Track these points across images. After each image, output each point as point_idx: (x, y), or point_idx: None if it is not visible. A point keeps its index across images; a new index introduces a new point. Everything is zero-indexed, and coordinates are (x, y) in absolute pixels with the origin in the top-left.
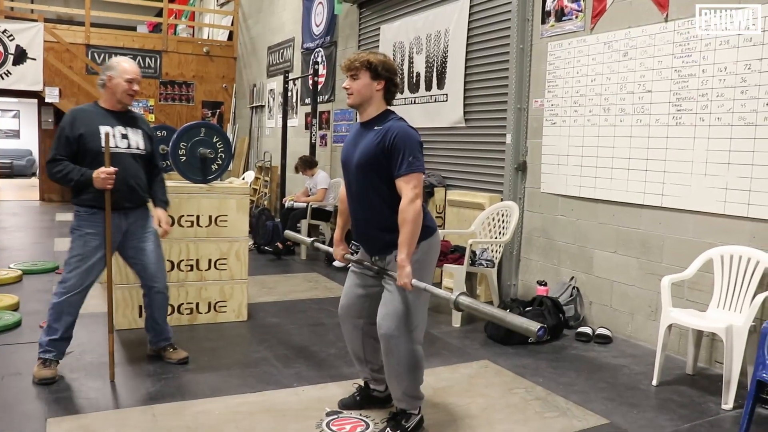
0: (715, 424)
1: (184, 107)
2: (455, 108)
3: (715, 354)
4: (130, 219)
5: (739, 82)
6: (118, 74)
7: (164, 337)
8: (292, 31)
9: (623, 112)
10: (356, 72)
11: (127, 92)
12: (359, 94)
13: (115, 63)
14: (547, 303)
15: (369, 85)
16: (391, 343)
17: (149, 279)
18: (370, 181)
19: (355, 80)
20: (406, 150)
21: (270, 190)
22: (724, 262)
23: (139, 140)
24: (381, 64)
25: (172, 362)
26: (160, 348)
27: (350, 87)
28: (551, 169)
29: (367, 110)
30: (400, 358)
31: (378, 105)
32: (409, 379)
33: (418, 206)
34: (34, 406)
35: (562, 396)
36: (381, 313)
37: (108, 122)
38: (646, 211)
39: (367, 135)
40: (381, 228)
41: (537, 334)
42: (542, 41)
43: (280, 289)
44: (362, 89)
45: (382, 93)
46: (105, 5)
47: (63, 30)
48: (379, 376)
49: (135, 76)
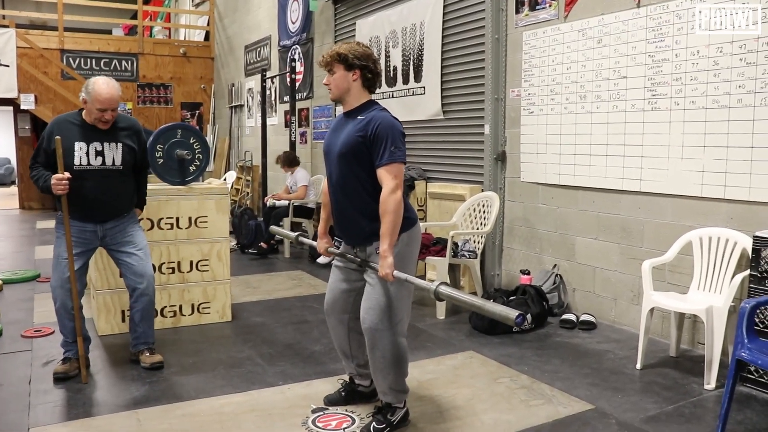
0: (698, 404)
1: (163, 109)
2: (433, 100)
3: (697, 335)
4: (108, 225)
5: (712, 66)
6: (91, 101)
7: (144, 341)
8: (269, 29)
9: (599, 98)
10: (330, 66)
11: (100, 120)
12: (337, 88)
13: (91, 88)
14: (530, 292)
15: (344, 76)
16: (376, 336)
17: (132, 280)
18: (352, 170)
19: (332, 74)
20: (388, 140)
21: (252, 190)
22: (702, 244)
23: (117, 156)
24: (351, 54)
25: (146, 366)
26: (138, 351)
27: (329, 82)
28: (530, 158)
29: (348, 101)
30: (384, 352)
31: (358, 95)
32: (395, 373)
33: (398, 196)
34: (16, 416)
35: (547, 383)
36: (364, 306)
37: (85, 138)
38: (625, 196)
39: (350, 124)
40: (362, 218)
41: (515, 321)
42: (517, 31)
43: (264, 288)
44: (339, 82)
45: (360, 82)
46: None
47: (36, 35)
48: (364, 371)
49: (107, 106)
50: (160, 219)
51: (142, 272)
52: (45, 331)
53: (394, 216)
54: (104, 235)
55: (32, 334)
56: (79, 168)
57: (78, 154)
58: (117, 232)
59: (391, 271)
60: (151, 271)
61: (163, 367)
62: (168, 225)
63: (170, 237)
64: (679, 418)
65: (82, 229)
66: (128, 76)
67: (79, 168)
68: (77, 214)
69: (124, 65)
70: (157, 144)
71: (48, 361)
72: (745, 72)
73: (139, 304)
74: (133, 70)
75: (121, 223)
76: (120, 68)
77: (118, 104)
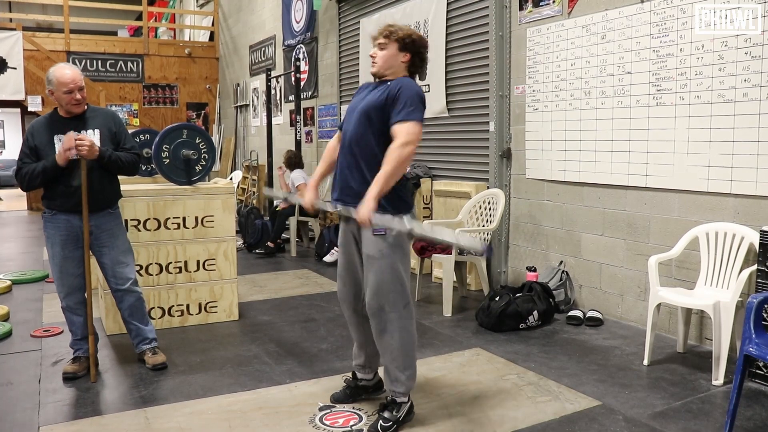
0: (706, 400)
1: (169, 110)
2: (438, 98)
3: (704, 331)
4: (92, 222)
5: (717, 60)
6: (56, 88)
7: (143, 339)
8: (273, 29)
9: (604, 94)
10: (386, 41)
11: (70, 103)
12: (384, 63)
13: (51, 75)
14: (536, 288)
15: (395, 56)
16: (382, 318)
17: (112, 279)
18: (370, 126)
19: (383, 49)
20: (408, 100)
21: (258, 189)
22: (709, 239)
23: (96, 141)
24: (410, 37)
25: (149, 367)
26: (141, 351)
27: (375, 55)
28: (535, 155)
29: (387, 77)
30: (392, 334)
31: (400, 75)
32: (402, 355)
33: (406, 151)
34: (26, 414)
35: (554, 380)
36: (368, 294)
37: (63, 130)
38: (631, 192)
39: (378, 87)
40: (368, 172)
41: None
42: (521, 27)
43: (271, 287)
44: (389, 59)
45: (406, 65)
46: (84, 11)
47: (42, 38)
48: (370, 362)
49: (72, 85)
50: (167, 219)
51: (122, 274)
52: (54, 331)
53: (394, 166)
54: (91, 231)
55: (41, 333)
56: None
57: (58, 146)
58: (102, 231)
59: (369, 217)
60: (133, 274)
61: (166, 368)
62: (175, 225)
63: (177, 237)
64: (686, 413)
65: (68, 223)
66: (134, 77)
67: None
68: (64, 205)
69: (129, 66)
70: (163, 144)
71: (57, 360)
72: (751, 66)
73: (124, 303)
74: (139, 71)
75: (106, 222)
76: (126, 69)
77: (83, 83)
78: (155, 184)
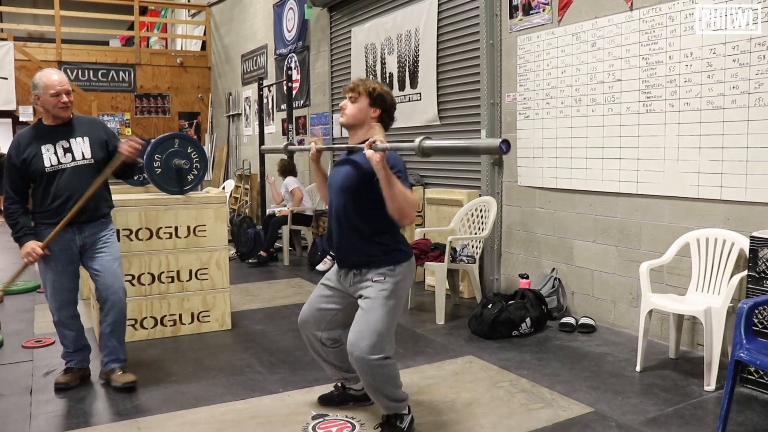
0: (698, 405)
1: (161, 119)
2: (429, 106)
3: (696, 337)
4: (85, 233)
5: (706, 67)
6: (43, 92)
7: (116, 358)
8: (265, 38)
9: (594, 102)
10: (357, 95)
11: (57, 106)
12: (354, 117)
13: (38, 80)
14: (529, 295)
15: (366, 110)
16: (366, 364)
17: (103, 291)
18: (353, 201)
19: (354, 102)
20: (394, 168)
21: (251, 198)
22: (700, 245)
23: (86, 149)
24: (383, 95)
25: (117, 386)
26: (109, 371)
27: (346, 107)
28: (527, 162)
29: (358, 133)
30: (375, 376)
31: (368, 130)
32: (389, 389)
33: (411, 198)
34: (17, 426)
35: (546, 387)
36: (354, 330)
37: (48, 140)
38: (622, 199)
39: (355, 157)
40: (360, 240)
41: (500, 148)
42: (511, 36)
43: (264, 296)
44: (358, 113)
45: (376, 120)
46: (76, 21)
47: (34, 48)
48: (351, 375)
49: (59, 88)
50: (159, 228)
51: (113, 284)
52: (46, 342)
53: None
54: (83, 243)
55: (33, 344)
56: (51, 169)
57: (47, 156)
58: (94, 241)
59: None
60: (122, 283)
61: (135, 389)
62: (167, 234)
63: (169, 246)
64: (679, 419)
65: (60, 238)
66: (126, 87)
67: (51, 169)
68: (54, 217)
69: (121, 76)
70: (155, 154)
71: (49, 371)
72: (739, 73)
73: (110, 317)
74: (131, 81)
75: (98, 232)
76: (117, 79)
77: (70, 88)
78: (147, 194)
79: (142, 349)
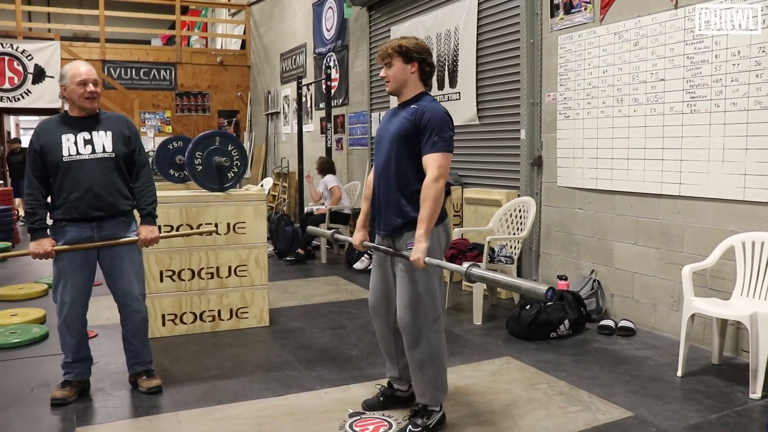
0: (743, 413)
1: (201, 117)
2: (468, 106)
3: (740, 343)
4: (104, 231)
5: (754, 66)
6: (69, 81)
7: (140, 361)
8: (304, 37)
9: (636, 102)
10: (390, 59)
11: (83, 96)
12: (395, 80)
13: (65, 71)
14: (568, 297)
15: (403, 69)
16: (413, 333)
17: (121, 296)
18: (400, 153)
19: (390, 67)
20: (435, 130)
21: (288, 196)
22: (746, 248)
23: (107, 143)
24: (412, 47)
25: (143, 391)
26: (135, 373)
27: (386, 75)
28: (567, 163)
29: (404, 93)
30: (422, 348)
31: (415, 86)
32: (433, 369)
33: (440, 186)
34: (63, 416)
35: (585, 390)
36: (399, 306)
37: (71, 130)
38: (664, 200)
39: (402, 112)
40: (402, 199)
41: (546, 296)
42: (552, 35)
43: (302, 294)
44: (397, 74)
45: (417, 74)
46: (119, 21)
47: (79, 47)
48: (405, 375)
49: (86, 77)
50: (200, 225)
51: (132, 290)
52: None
53: (434, 204)
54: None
55: None
56: (69, 159)
57: (66, 145)
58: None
59: (423, 257)
60: (142, 289)
61: (161, 392)
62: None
63: (209, 242)
64: (722, 427)
65: (78, 236)
66: (167, 85)
67: (68, 159)
68: (72, 212)
69: (162, 74)
70: (196, 151)
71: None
72: None
73: (129, 322)
74: (172, 79)
75: (119, 232)
76: (159, 77)
77: (98, 79)
78: (188, 191)
79: (181, 344)
